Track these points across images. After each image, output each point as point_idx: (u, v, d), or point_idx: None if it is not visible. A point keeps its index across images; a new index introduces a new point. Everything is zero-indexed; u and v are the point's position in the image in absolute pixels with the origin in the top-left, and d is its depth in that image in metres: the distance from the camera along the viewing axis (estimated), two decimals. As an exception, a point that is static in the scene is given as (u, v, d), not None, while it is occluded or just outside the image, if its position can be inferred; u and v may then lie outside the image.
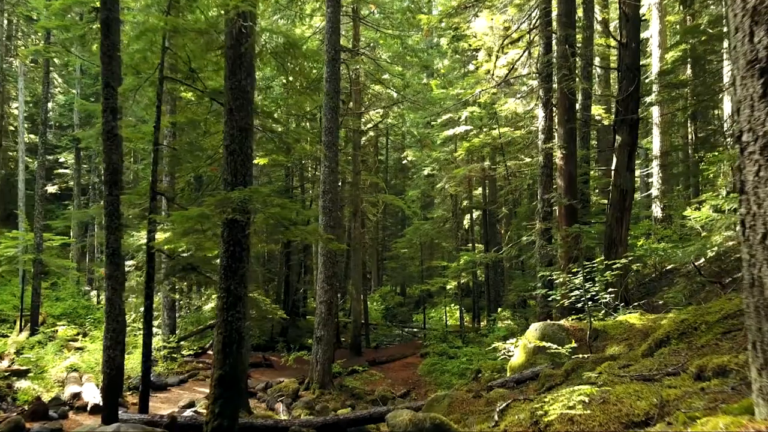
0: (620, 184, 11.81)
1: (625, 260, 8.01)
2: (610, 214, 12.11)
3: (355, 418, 7.87)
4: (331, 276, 13.85)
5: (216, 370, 6.43)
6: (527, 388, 7.09)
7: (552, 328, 8.14)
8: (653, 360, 4.69)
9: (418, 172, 30.71)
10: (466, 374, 15.47)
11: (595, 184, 19.42)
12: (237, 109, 6.78)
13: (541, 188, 12.75)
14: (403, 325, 29.10)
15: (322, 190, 13.99)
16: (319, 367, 13.68)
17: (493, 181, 25.08)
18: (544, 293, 10.19)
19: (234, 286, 6.53)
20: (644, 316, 8.26)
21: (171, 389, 13.30)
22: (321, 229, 13.91)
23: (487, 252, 23.27)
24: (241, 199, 6.28)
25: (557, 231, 12.23)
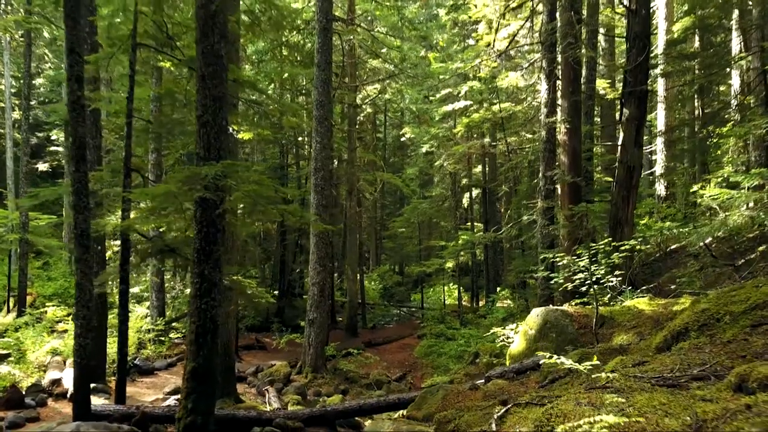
0: (627, 161, 11.20)
1: (633, 242, 7.43)
2: (615, 193, 11.51)
3: (343, 410, 7.37)
4: (324, 257, 13.30)
5: (189, 362, 5.89)
6: (528, 379, 6.57)
7: (555, 315, 7.60)
8: (672, 357, 4.13)
9: (417, 149, 30.02)
10: (463, 357, 15.03)
11: (599, 160, 18.77)
12: (210, 76, 6.13)
13: (543, 165, 12.12)
14: (400, 304, 28.68)
15: (314, 167, 13.36)
16: (311, 351, 13.21)
17: (493, 159, 24.41)
18: (545, 276, 9.65)
19: (208, 270, 5.95)
20: (654, 300, 7.72)
21: (158, 373, 12.84)
22: (313, 208, 13.34)
23: (486, 231, 22.71)
24: (212, 175, 5.68)
25: (560, 210, 11.64)
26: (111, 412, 7.50)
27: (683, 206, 21.48)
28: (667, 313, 6.86)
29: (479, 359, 14.19)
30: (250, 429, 7.29)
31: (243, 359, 15.40)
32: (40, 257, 26.21)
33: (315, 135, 13.37)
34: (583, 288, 8.03)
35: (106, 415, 7.45)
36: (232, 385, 10.46)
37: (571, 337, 7.29)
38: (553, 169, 12.00)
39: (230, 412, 7.46)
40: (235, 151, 10.73)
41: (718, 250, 10.41)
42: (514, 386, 6.35)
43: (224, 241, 6.18)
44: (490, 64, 17.69)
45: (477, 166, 26.86)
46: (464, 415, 5.45)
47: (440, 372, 14.67)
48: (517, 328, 8.52)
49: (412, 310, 27.26)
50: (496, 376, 6.97)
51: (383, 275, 34.16)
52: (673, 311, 6.84)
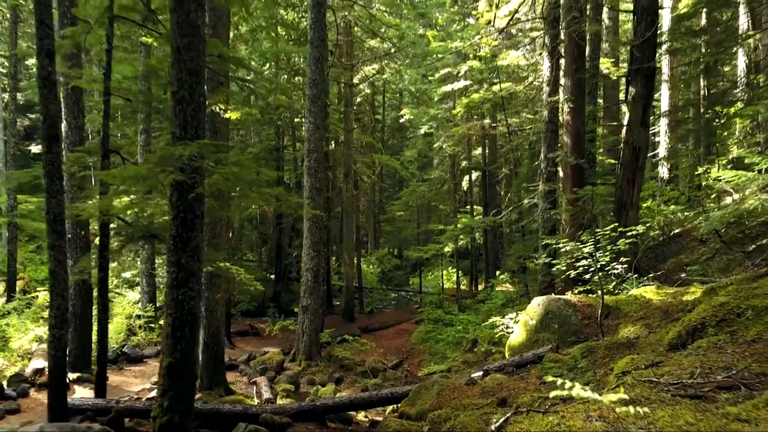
0: (633, 141, 10.71)
1: (641, 227, 6.99)
2: (620, 175, 11.04)
3: (333, 404, 7.00)
4: (318, 242, 12.88)
5: (165, 357, 5.49)
6: (528, 374, 6.18)
7: (557, 304, 7.20)
8: (690, 358, 3.72)
9: (416, 131, 29.46)
10: (461, 344, 14.70)
11: (601, 142, 18.27)
12: (186, 48, 5.64)
13: (545, 146, 11.65)
14: (398, 288, 28.37)
15: (307, 149, 12.87)
16: (305, 338, 12.86)
17: (493, 140, 23.88)
18: (547, 262, 9.23)
19: (185, 259, 5.52)
20: (662, 289, 7.30)
21: (147, 361, 12.50)
22: (306, 192, 12.89)
23: (486, 214, 22.28)
24: (187, 156, 5.22)
25: (562, 193, 11.19)
26: (89, 406, 7.14)
27: (687, 189, 21.01)
28: (676, 304, 6.45)
29: (477, 347, 13.86)
30: (236, 424, 6.93)
31: (236, 346, 15.07)
32: (33, 241, 25.80)
33: (308, 115, 12.86)
34: (586, 276, 7.62)
35: (83, 409, 7.09)
36: (220, 374, 10.12)
37: (574, 329, 6.90)
38: (555, 150, 11.53)
39: (214, 407, 7.09)
40: (224, 132, 10.24)
41: (726, 235, 9.98)
42: (514, 381, 5.96)
43: (203, 227, 5.74)
44: (491, 43, 17.10)
45: (477, 148, 26.33)
46: (460, 415, 5.06)
47: (437, 359, 14.35)
48: (517, 317, 8.13)
49: (410, 294, 26.95)
50: (494, 369, 6.58)
51: (382, 259, 33.81)
52: (683, 301, 6.43)
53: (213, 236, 9.81)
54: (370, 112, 30.75)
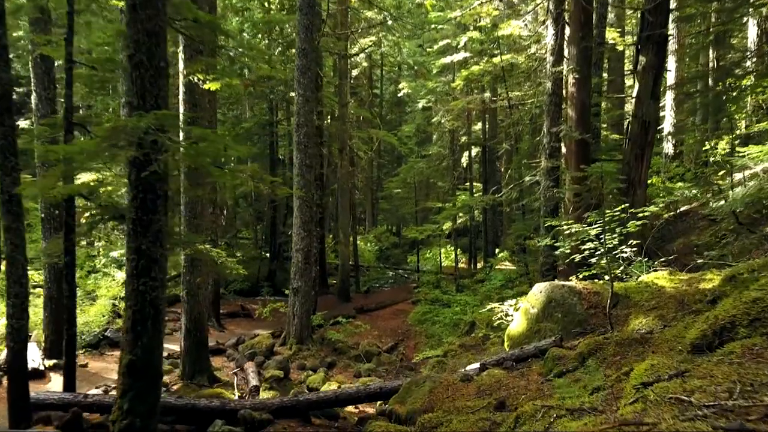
0: (642, 115, 10.05)
1: (654, 208, 6.38)
2: (628, 151, 10.40)
3: (317, 400, 6.47)
4: (309, 221, 12.27)
5: (125, 354, 4.93)
6: (530, 369, 5.63)
7: (560, 291, 6.62)
8: (723, 367, 3.13)
9: (414, 105, 28.61)
10: (459, 326, 14.20)
11: (606, 116, 17.54)
12: (142, 6, 4.95)
13: (548, 120, 10.95)
14: (396, 267, 27.86)
15: (297, 123, 12.18)
16: (296, 321, 12.34)
17: (493, 115, 23.11)
18: (549, 244, 8.63)
19: (146, 245, 4.92)
20: (675, 275, 6.72)
21: (131, 346, 11.99)
22: (296, 168, 12.24)
23: (485, 191, 21.64)
24: (143, 129, 4.58)
25: (566, 170, 10.55)
26: (55, 401, 6.61)
27: (693, 165, 20.34)
28: (692, 292, 5.87)
29: (475, 329, 13.35)
30: (213, 420, 6.42)
31: (226, 328, 14.58)
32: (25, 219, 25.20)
33: (298, 87, 12.13)
34: (592, 259, 7.05)
35: (48, 404, 6.56)
36: (204, 361, 9.61)
37: (579, 318, 6.33)
38: (558, 124, 10.85)
39: (189, 402, 6.57)
40: (205, 105, 9.57)
41: (741, 215, 9.37)
42: (514, 379, 5.42)
43: (167, 209, 5.12)
44: (491, 12, 16.27)
45: (477, 123, 25.57)
46: (453, 420, 4.52)
47: (434, 342, 13.87)
48: (516, 304, 7.57)
49: (408, 272, 26.47)
50: (492, 363, 6.03)
51: (379, 236, 33.26)
52: (700, 290, 5.84)
53: (194, 216, 9.20)
54: (367, 86, 29.89)
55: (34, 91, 9.86)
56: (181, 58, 9.21)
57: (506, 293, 14.08)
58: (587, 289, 6.63)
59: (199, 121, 9.30)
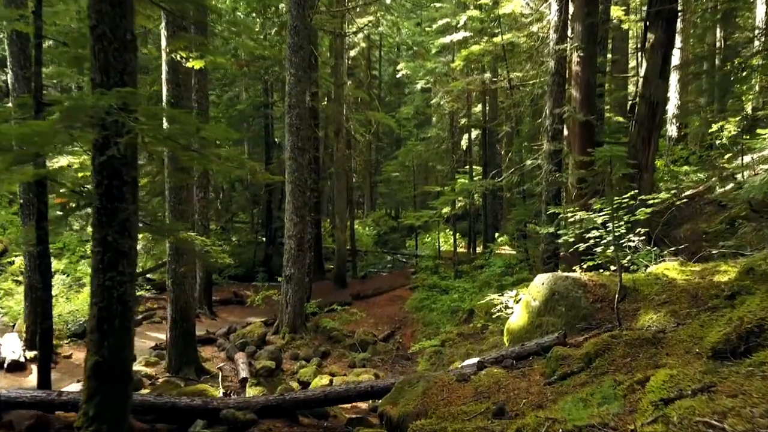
0: (650, 95, 9.58)
1: (665, 194, 5.93)
2: (634, 133, 9.94)
3: (305, 398, 6.10)
4: (302, 206, 11.84)
5: (90, 355, 4.53)
6: (531, 369, 5.23)
7: (564, 284, 6.21)
8: (755, 381, 2.73)
9: (413, 86, 28.00)
10: (457, 313, 13.84)
11: (610, 98, 17.00)
12: (104, -29, 4.48)
13: (550, 101, 10.45)
14: (394, 252, 27.47)
15: (288, 104, 11.69)
16: (289, 309, 11.97)
17: (494, 97, 22.54)
18: (551, 231, 8.21)
19: (113, 236, 4.50)
20: (686, 266, 6.30)
21: (119, 335, 11.62)
22: (287, 152, 11.77)
23: (485, 175, 21.16)
24: (105, 109, 4.12)
25: (569, 153, 10.09)
26: (27, 399, 6.23)
27: (698, 148, 19.84)
28: (706, 285, 5.46)
29: (474, 318, 13.00)
30: (194, 420, 6.05)
31: (218, 316, 14.23)
32: (16, 202, 24.79)
33: (289, 66, 11.62)
34: (597, 249, 6.63)
35: (19, 402, 6.19)
36: (191, 352, 9.25)
37: (584, 313, 5.93)
38: (561, 105, 10.34)
39: (170, 400, 6.19)
40: (190, 84, 9.08)
41: (754, 202, 8.92)
42: (514, 379, 5.03)
43: (136, 197, 4.68)
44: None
45: (477, 105, 25.00)
46: (448, 428, 4.13)
47: (431, 329, 13.52)
48: (517, 296, 7.16)
49: (406, 257, 26.11)
50: (491, 361, 5.64)
51: (378, 221, 32.87)
52: (714, 283, 5.44)
53: (178, 202, 8.76)
54: (365, 67, 29.22)
55: (10, 70, 9.35)
56: (163, 35, 8.69)
57: (506, 280, 13.69)
58: (593, 282, 6.22)
59: (183, 102, 8.82)
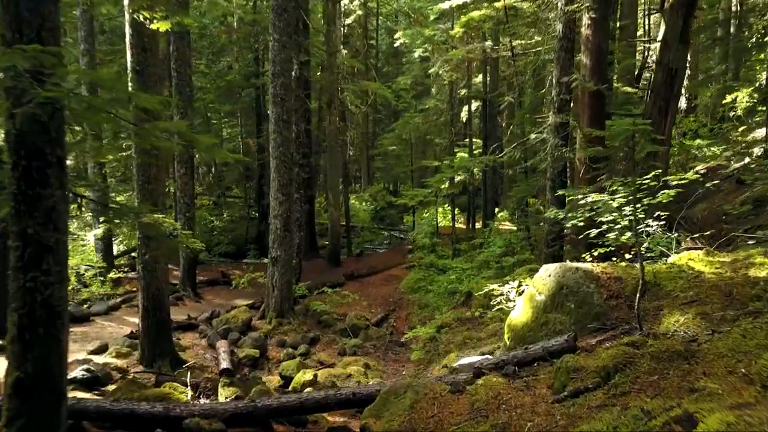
0: (669, 61, 8.69)
1: (692, 174, 5.13)
2: (650, 103, 9.09)
3: (278, 406, 5.40)
4: (287, 184, 11.03)
5: (12, 370, 3.81)
6: (536, 379, 4.50)
7: (574, 277, 5.44)
8: None
9: (411, 55, 26.87)
10: (455, 296, 13.15)
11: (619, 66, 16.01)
12: None
13: (557, 68, 9.55)
14: (391, 228, 26.72)
15: (272, 73, 10.78)
16: (275, 293, 11.27)
17: (495, 66, 21.49)
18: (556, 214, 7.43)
19: (35, 228, 3.72)
20: (713, 256, 5.53)
21: (95, 320, 10.95)
22: (272, 125, 10.91)
23: (485, 148, 20.29)
24: (16, 71, 3.30)
25: (577, 126, 9.24)
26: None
27: (710, 120, 18.95)
28: (741, 281, 4.70)
29: (472, 301, 12.31)
30: (154, 428, 5.36)
31: (203, 298, 13.53)
32: None
33: (273, 31, 10.68)
34: (610, 234, 5.86)
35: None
36: (166, 343, 8.55)
37: (597, 311, 5.18)
38: (570, 73, 9.45)
39: (127, 407, 5.49)
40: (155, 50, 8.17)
41: None
42: (516, 392, 4.31)
43: (63, 181, 3.87)
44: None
45: (477, 75, 23.96)
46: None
47: (427, 312, 12.85)
48: (520, 288, 6.40)
49: (404, 233, 25.38)
50: (490, 367, 4.91)
51: (375, 195, 31.96)
52: (751, 279, 4.68)
53: (146, 181, 7.95)
54: (362, 36, 28.10)
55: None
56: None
57: (506, 261, 12.97)
58: (606, 274, 5.45)
59: (151, 69, 7.94)
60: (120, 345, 8.96)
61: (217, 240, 21.37)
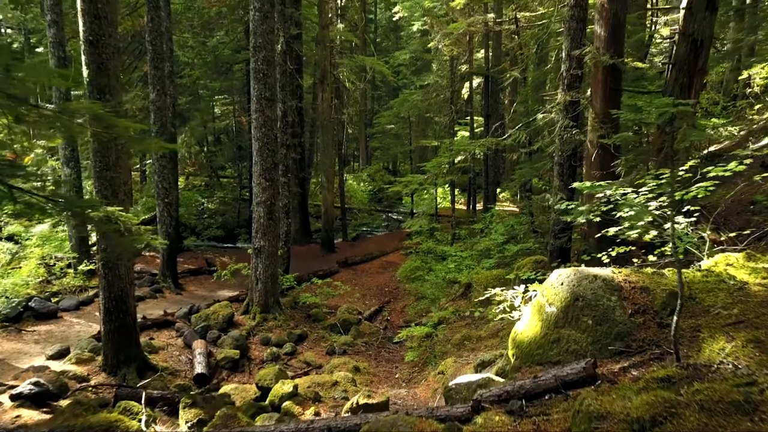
0: (693, 32, 7.70)
1: (735, 164, 4.21)
2: (670, 79, 8.12)
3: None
4: (271, 168, 10.11)
5: None
6: (548, 421, 3.65)
7: (592, 286, 4.58)
8: None
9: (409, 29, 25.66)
10: (453, 287, 12.33)
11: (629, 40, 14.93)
12: None
13: (568, 40, 8.56)
14: (389, 210, 25.83)
15: (253, 46, 9.79)
16: (259, 286, 10.44)
17: (498, 40, 20.36)
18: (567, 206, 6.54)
19: None
20: (756, 260, 4.65)
21: (63, 316, 10.14)
22: (254, 103, 9.96)
23: (487, 126, 19.31)
24: None
25: (590, 105, 8.29)
26: None
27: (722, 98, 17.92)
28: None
29: (471, 293, 11.49)
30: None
31: (184, 290, 12.71)
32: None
33: (254, 0, 9.66)
34: (631, 233, 4.99)
35: None
36: (132, 348, 7.75)
37: (619, 330, 4.32)
38: (582, 45, 8.47)
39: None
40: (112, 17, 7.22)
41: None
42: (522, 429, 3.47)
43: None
44: None
45: (479, 51, 22.83)
46: None
47: (424, 305, 12.05)
48: (526, 294, 5.51)
49: (404, 215, 24.51)
50: (491, 400, 4.07)
51: (374, 175, 31.01)
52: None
53: (105, 168, 7.05)
54: (359, 9, 26.85)
55: None
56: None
57: (508, 250, 12.12)
58: (630, 283, 4.58)
59: (106, 39, 6.98)
60: (83, 348, 8.15)
61: (207, 223, 20.51)
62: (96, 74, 7.00)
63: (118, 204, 7.20)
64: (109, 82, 7.10)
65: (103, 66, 7.02)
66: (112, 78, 7.13)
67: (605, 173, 7.97)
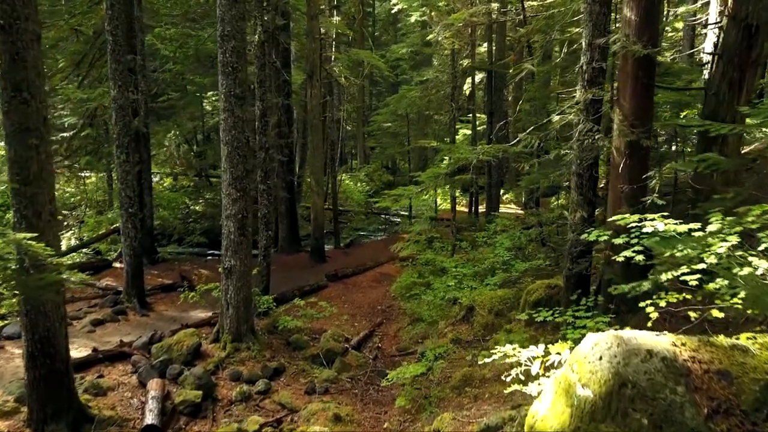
0: (746, 15, 6.33)
1: None
2: (715, 74, 6.73)
3: None
4: (242, 177, 8.75)
5: None
6: None
7: (645, 366, 3.22)
8: None
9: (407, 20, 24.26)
10: (454, 307, 10.97)
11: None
12: None
13: (589, 27, 7.18)
14: (386, 213, 24.46)
15: (220, 35, 8.41)
16: (230, 312, 9.10)
17: (502, 33, 18.96)
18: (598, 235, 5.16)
19: None
20: None
21: (5, 345, 8.81)
22: (222, 102, 8.60)
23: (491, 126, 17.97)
24: None
25: (616, 105, 6.91)
26: None
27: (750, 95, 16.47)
28: None
29: (474, 317, 10.16)
30: None
31: (152, 310, 11.35)
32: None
33: (221, -19, 8.29)
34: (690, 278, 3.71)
35: None
36: (64, 398, 6.42)
37: (692, 439, 2.97)
38: (606, 33, 7.08)
39: None
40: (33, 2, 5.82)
41: None
42: None
43: None
44: None
45: (482, 44, 21.43)
46: None
47: (420, 328, 10.70)
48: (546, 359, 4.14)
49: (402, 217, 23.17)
50: None
51: (371, 175, 29.58)
52: None
53: (24, 182, 5.70)
54: (357, 2, 25.47)
55: None
56: None
57: (515, 268, 10.77)
58: (701, 364, 3.22)
59: (22, 24, 5.63)
60: (11, 393, 6.82)
61: (191, 228, 19.18)
62: (10, 66, 5.66)
63: (42, 227, 5.88)
64: (27, 75, 5.76)
65: (19, 56, 5.68)
66: (31, 71, 5.78)
67: (636, 188, 6.64)
